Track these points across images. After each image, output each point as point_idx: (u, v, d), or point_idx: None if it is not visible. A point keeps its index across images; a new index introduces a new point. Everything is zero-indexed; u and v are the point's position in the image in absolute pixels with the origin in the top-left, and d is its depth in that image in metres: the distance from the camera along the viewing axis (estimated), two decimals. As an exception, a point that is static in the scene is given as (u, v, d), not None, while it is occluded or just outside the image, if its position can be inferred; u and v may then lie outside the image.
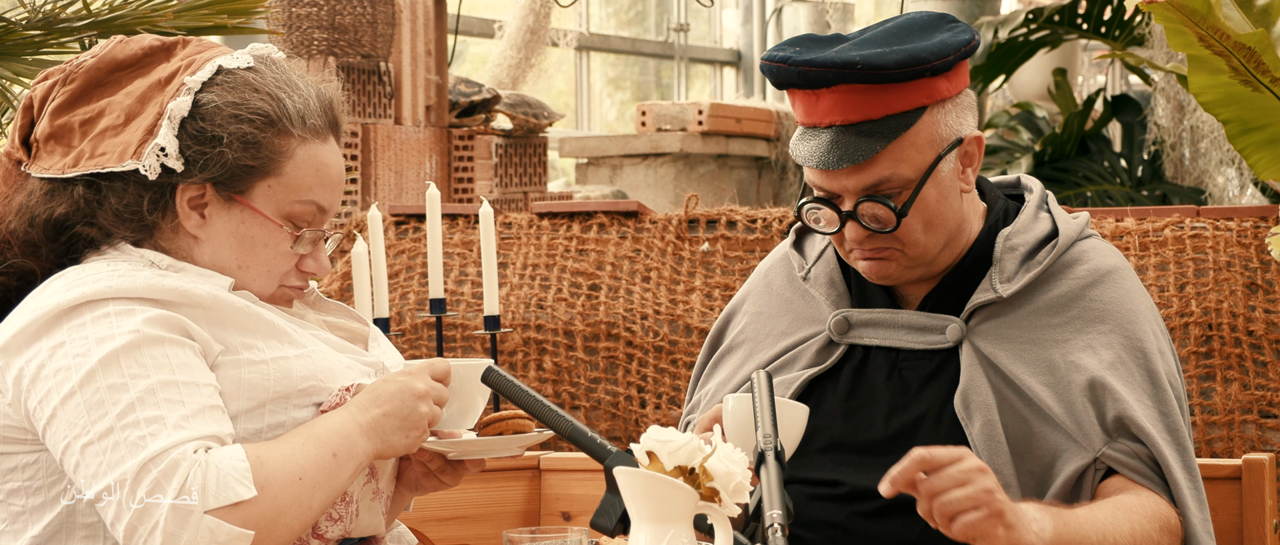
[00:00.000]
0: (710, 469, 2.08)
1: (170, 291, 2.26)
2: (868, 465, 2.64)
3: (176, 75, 2.35)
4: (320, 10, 6.49)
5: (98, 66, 2.37)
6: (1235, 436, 4.01)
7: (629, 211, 4.57)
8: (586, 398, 4.44)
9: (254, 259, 2.36)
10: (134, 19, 3.98)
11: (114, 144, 2.32)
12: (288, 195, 2.36)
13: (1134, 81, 11.01)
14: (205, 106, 2.32)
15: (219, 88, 2.34)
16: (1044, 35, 8.56)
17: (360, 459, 2.27)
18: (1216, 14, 3.64)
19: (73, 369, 2.20)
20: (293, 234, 2.37)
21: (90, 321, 2.22)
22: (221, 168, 2.32)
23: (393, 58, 6.81)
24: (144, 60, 2.38)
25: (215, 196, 2.34)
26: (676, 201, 8.64)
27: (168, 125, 2.31)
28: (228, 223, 2.35)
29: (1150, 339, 2.67)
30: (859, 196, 2.62)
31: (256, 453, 2.19)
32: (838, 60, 2.56)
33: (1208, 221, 4.18)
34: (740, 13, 12.10)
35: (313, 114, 2.37)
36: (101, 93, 2.36)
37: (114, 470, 2.15)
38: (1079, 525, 2.49)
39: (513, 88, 8.84)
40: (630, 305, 4.44)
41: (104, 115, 2.34)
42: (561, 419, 2.31)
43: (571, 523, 3.21)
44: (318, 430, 2.26)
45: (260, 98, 2.34)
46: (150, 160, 2.31)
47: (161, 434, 2.16)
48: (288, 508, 2.19)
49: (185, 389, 2.20)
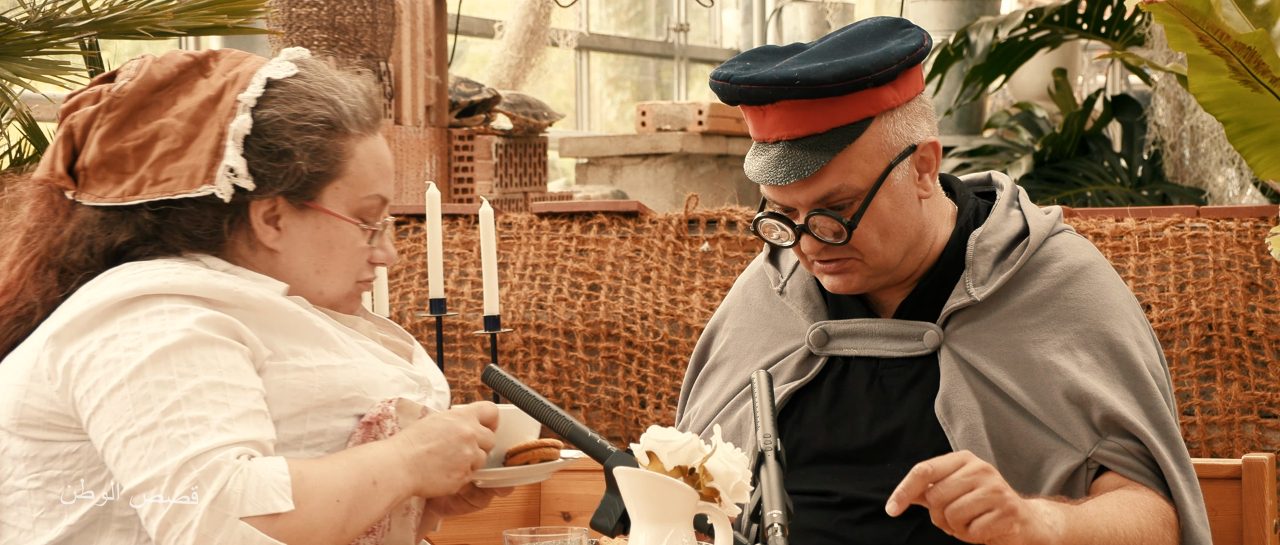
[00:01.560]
0: (710, 469, 2.08)
1: (224, 292, 2.27)
2: (854, 474, 2.65)
3: (225, 93, 2.36)
4: (320, 10, 6.49)
5: (138, 90, 2.37)
6: (1235, 436, 4.01)
7: (629, 211, 4.57)
8: (586, 398, 4.44)
9: (333, 261, 2.39)
10: (134, 19, 3.98)
11: (178, 168, 2.34)
12: (355, 193, 2.39)
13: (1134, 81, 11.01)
14: (267, 122, 2.34)
15: (275, 101, 2.35)
16: (1044, 35, 8.56)
17: (399, 491, 2.28)
18: (1216, 14, 3.64)
19: (123, 362, 2.21)
20: (366, 230, 2.40)
21: (144, 317, 2.24)
22: (294, 179, 2.35)
23: (393, 58, 6.81)
24: (181, 77, 2.39)
25: (288, 207, 2.36)
26: (676, 201, 8.64)
27: (232, 146, 2.33)
28: (304, 230, 2.37)
29: (1128, 333, 2.66)
30: (810, 210, 2.62)
31: (298, 468, 2.20)
32: (777, 77, 2.57)
33: (1208, 221, 4.18)
34: (740, 13, 12.10)
35: (362, 110, 2.40)
36: (146, 115, 2.37)
37: (154, 466, 2.16)
38: (1089, 519, 2.50)
39: (513, 88, 8.85)
40: (630, 305, 4.44)
41: (158, 139, 2.35)
42: (561, 419, 2.31)
43: (571, 523, 3.21)
44: (362, 456, 2.27)
45: (317, 104, 2.36)
46: (223, 183, 2.32)
47: (205, 435, 2.17)
48: (321, 527, 2.20)
49: (231, 392, 2.21)
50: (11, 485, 2.31)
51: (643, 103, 9.06)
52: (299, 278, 2.38)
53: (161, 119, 2.36)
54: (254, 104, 2.35)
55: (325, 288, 2.39)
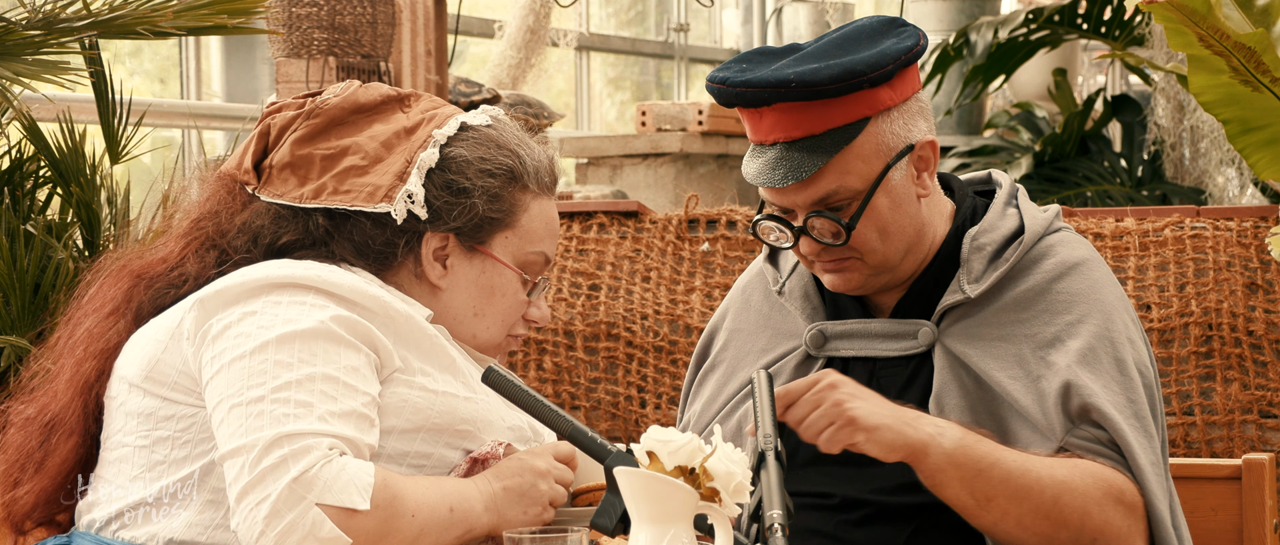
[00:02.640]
0: (710, 469, 2.08)
1: (371, 298, 2.35)
2: (852, 476, 2.66)
3: (420, 127, 2.48)
4: (320, 10, 6.49)
5: (342, 106, 2.48)
6: (1235, 436, 4.01)
7: (629, 211, 4.57)
8: (586, 398, 4.44)
9: (492, 307, 2.49)
10: (134, 19, 3.98)
11: (360, 183, 2.44)
12: (522, 246, 2.50)
13: (1134, 81, 11.01)
14: (454, 159, 2.46)
15: (465, 142, 2.48)
16: (1044, 35, 8.56)
17: (473, 525, 2.32)
18: (1216, 14, 3.64)
19: (252, 336, 2.29)
20: (527, 283, 2.50)
21: (287, 302, 2.32)
22: (468, 218, 2.45)
23: (393, 58, 6.81)
24: (381, 106, 2.50)
25: (457, 247, 2.47)
26: (676, 201, 8.64)
27: (417, 173, 2.44)
28: (469, 272, 2.48)
29: (1119, 327, 2.66)
30: (808, 211, 2.63)
31: (384, 476, 2.25)
32: (773, 79, 2.57)
33: (1208, 221, 4.18)
34: (740, 13, 12.10)
35: (544, 171, 2.53)
36: (342, 131, 2.48)
37: (249, 435, 2.22)
38: (999, 450, 2.51)
39: (513, 88, 8.85)
40: (630, 305, 4.44)
41: (348, 155, 2.46)
42: (561, 419, 2.32)
43: (571, 523, 3.20)
44: (445, 484, 2.32)
45: (504, 153, 2.49)
46: (400, 205, 2.43)
47: (305, 419, 2.23)
48: (390, 537, 2.24)
49: (343, 389, 2.27)
50: (119, 440, 2.38)
51: (643, 103, 9.06)
52: (456, 317, 2.47)
53: (355, 137, 2.47)
54: (445, 141, 2.46)
55: (479, 332, 2.49)
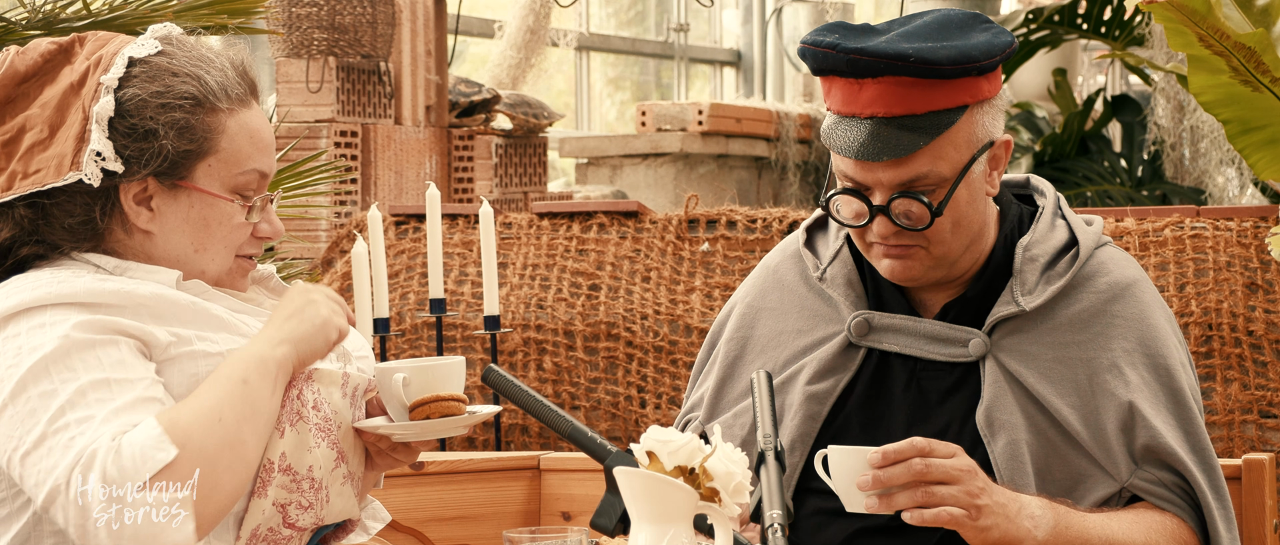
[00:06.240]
0: (710, 469, 2.08)
1: (112, 294, 2.24)
2: None
3: (88, 76, 2.32)
4: (320, 10, 6.49)
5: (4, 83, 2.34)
6: (1235, 436, 4.01)
7: (629, 211, 4.57)
8: (586, 398, 4.44)
9: (211, 239, 2.35)
10: (134, 19, 3.98)
11: (46, 158, 2.30)
12: (229, 169, 2.34)
13: (1134, 81, 11.01)
14: (130, 102, 2.30)
15: (137, 80, 2.31)
16: (1044, 35, 8.56)
17: (275, 372, 2.24)
18: (1216, 14, 3.64)
19: (4, 381, 2.18)
20: (244, 205, 2.36)
21: (25, 331, 2.21)
22: (162, 159, 2.30)
23: (393, 58, 6.81)
24: (46, 67, 2.36)
25: (159, 188, 2.32)
26: (676, 201, 8.65)
27: (97, 129, 2.29)
28: (178, 210, 2.33)
29: (1173, 354, 2.64)
30: (893, 191, 2.57)
31: (167, 414, 2.16)
32: (889, 51, 2.52)
33: (1208, 221, 4.18)
34: (740, 13, 12.10)
35: (232, 84, 2.35)
36: (13, 109, 2.34)
37: (51, 476, 2.13)
38: (1085, 527, 2.49)
39: (513, 88, 8.85)
40: (630, 305, 4.44)
41: (25, 132, 2.32)
42: (561, 419, 2.31)
43: (571, 523, 3.21)
44: (222, 369, 2.23)
45: (181, 81, 2.32)
46: (90, 168, 2.28)
47: (90, 431, 2.13)
48: (219, 454, 2.16)
49: (116, 386, 2.18)
50: None
51: (643, 103, 9.06)
52: (178, 258, 2.34)
53: (28, 111, 2.32)
54: (116, 85, 2.30)
55: (206, 266, 2.36)
